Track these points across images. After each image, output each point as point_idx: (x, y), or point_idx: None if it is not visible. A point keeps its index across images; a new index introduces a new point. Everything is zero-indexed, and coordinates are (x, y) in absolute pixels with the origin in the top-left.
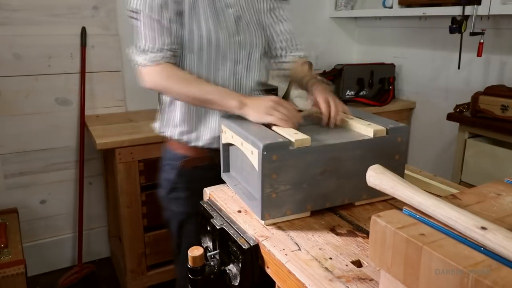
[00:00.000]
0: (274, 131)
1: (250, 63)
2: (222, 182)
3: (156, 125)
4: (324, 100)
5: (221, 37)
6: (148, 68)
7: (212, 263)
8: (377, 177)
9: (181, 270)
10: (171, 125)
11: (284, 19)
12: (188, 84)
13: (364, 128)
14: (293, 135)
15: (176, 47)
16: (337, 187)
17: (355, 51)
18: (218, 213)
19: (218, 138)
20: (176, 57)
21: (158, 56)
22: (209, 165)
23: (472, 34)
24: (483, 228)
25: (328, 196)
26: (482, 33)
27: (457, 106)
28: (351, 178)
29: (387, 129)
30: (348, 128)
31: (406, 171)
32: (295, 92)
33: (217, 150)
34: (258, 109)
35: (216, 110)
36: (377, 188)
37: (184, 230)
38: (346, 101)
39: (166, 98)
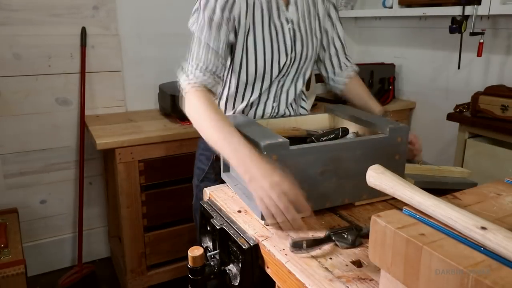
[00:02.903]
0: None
1: (297, 74)
2: None
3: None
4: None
5: (276, 58)
6: (186, 94)
7: (212, 263)
8: (377, 177)
9: None
10: None
11: (337, 26)
12: (204, 128)
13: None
14: None
15: (219, 72)
16: (337, 187)
17: (355, 51)
18: (218, 213)
19: None
20: (216, 80)
21: (197, 78)
22: None
23: (472, 34)
24: (483, 228)
25: (328, 196)
26: (482, 33)
27: (457, 106)
28: (351, 178)
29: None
30: None
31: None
32: None
33: None
34: (258, 195)
35: None
36: (377, 188)
37: None
38: (346, 101)
39: None
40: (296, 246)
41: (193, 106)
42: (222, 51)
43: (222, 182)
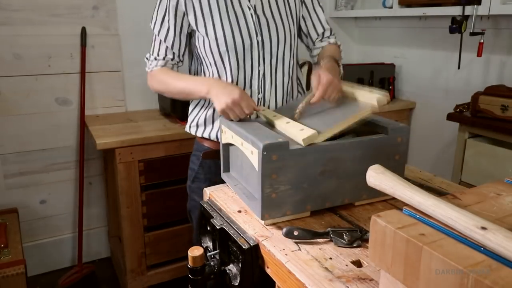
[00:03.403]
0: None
1: (273, 61)
2: None
3: (186, 125)
4: (318, 79)
5: (239, 40)
6: (148, 75)
7: (212, 263)
8: (377, 177)
9: None
10: (197, 124)
11: (315, 9)
12: (169, 83)
13: (367, 96)
14: (299, 133)
15: (171, 57)
16: (337, 187)
17: (355, 51)
18: (218, 213)
19: None
20: (172, 64)
21: (153, 63)
22: None
23: (472, 34)
24: (483, 228)
25: (328, 196)
26: (482, 33)
27: (457, 106)
28: (351, 178)
29: (387, 129)
30: (348, 102)
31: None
32: None
33: None
34: (219, 102)
35: (195, 99)
36: (377, 188)
37: None
38: None
39: (192, 101)
40: (288, 234)
41: (157, 77)
42: (174, 45)
43: (214, 184)
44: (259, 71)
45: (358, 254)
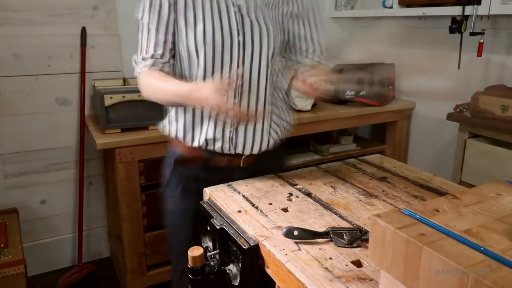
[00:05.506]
0: None
1: (254, 64)
2: (215, 185)
3: (161, 124)
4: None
5: (218, 37)
6: (138, 81)
7: (212, 263)
8: None
9: (174, 271)
10: (172, 124)
11: (310, 26)
12: (157, 91)
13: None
14: None
15: (160, 52)
16: None
17: (355, 51)
18: (218, 213)
19: (212, 140)
20: (162, 63)
21: (140, 65)
22: (203, 166)
23: (472, 34)
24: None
25: None
26: (482, 33)
27: (457, 106)
28: None
29: None
30: None
31: (406, 171)
32: (295, 92)
33: (213, 152)
34: (206, 103)
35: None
36: None
37: (175, 229)
38: (346, 101)
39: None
40: (288, 234)
41: (146, 83)
42: (165, 34)
43: (186, 191)
44: (236, 74)
45: (358, 254)
